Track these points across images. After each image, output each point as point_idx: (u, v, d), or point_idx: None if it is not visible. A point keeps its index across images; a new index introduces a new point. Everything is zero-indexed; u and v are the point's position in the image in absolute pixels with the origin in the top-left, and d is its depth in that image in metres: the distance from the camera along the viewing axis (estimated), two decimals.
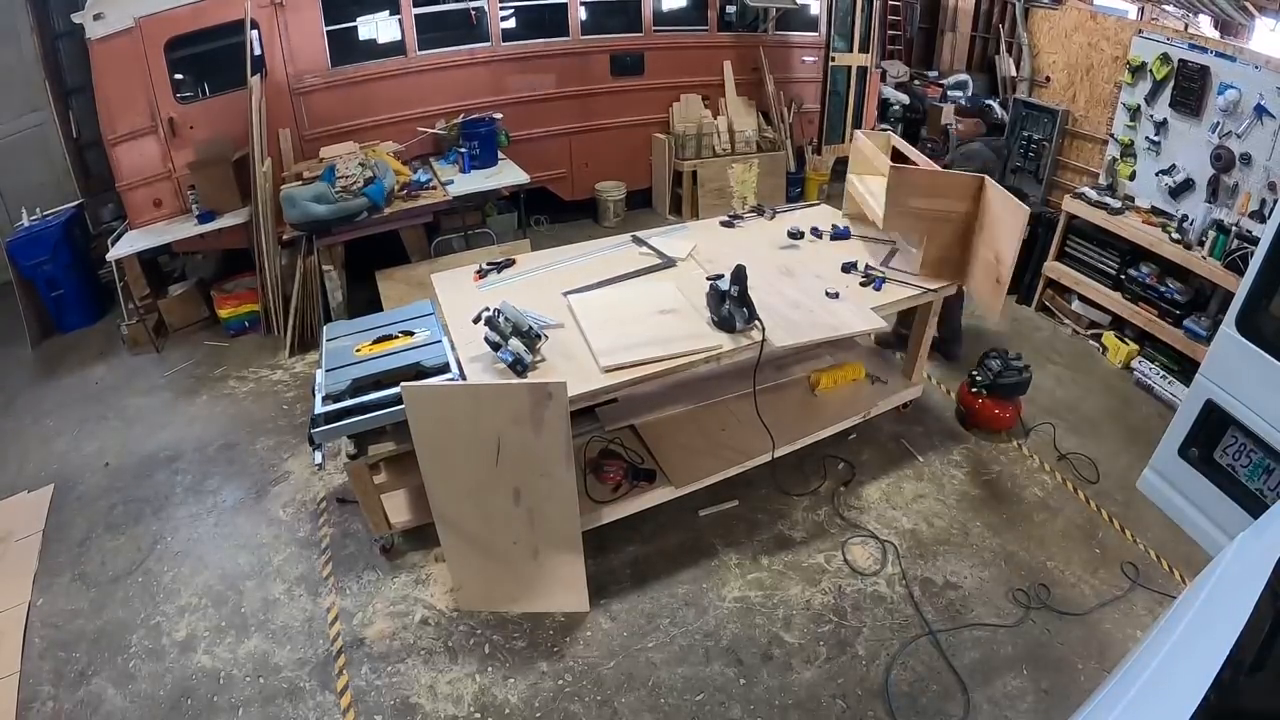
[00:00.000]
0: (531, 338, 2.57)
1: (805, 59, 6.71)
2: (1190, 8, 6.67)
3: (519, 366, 2.51)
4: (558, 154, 6.00)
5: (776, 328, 2.76)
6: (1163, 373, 4.14)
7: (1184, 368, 4.01)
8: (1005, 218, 2.92)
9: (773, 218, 3.86)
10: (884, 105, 7.61)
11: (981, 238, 3.08)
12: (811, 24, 6.63)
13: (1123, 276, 4.39)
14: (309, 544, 3.16)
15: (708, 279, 2.92)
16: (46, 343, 4.83)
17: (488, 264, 3.36)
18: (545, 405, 2.35)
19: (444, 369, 2.73)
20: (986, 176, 3.07)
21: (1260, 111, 3.67)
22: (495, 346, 2.54)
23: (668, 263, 3.37)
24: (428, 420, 2.41)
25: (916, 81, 8.29)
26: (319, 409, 2.62)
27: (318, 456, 2.65)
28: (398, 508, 3.10)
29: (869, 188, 3.61)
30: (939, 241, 3.18)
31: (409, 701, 2.51)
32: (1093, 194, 4.55)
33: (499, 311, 2.58)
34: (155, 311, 4.73)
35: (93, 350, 4.71)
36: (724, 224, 3.81)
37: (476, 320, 2.66)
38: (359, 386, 2.68)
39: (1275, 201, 3.54)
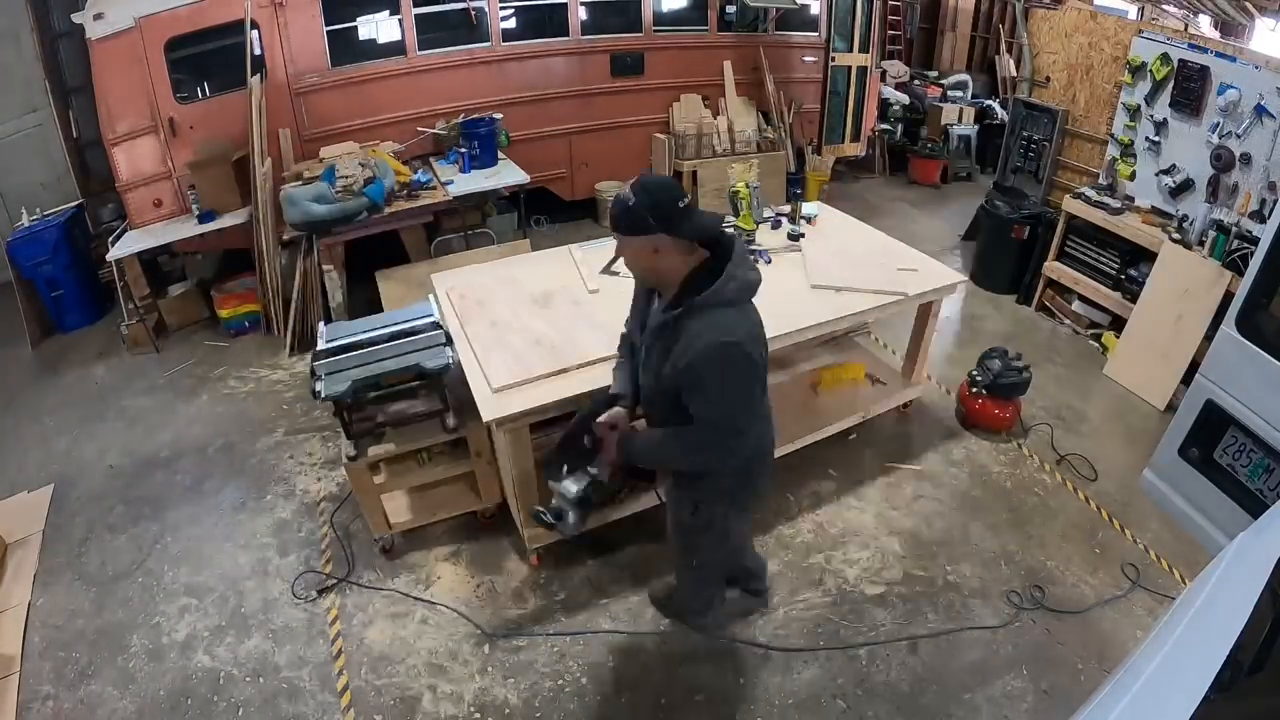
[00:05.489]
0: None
1: (805, 59, 6.71)
2: (1190, 8, 6.67)
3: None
4: (558, 154, 6.00)
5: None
6: None
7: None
8: None
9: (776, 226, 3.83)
10: (884, 105, 7.63)
11: None
12: (811, 24, 6.63)
13: (1123, 276, 4.39)
14: (309, 544, 3.16)
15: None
16: (46, 343, 4.83)
17: None
18: None
19: (444, 370, 2.72)
20: None
21: (1260, 111, 3.67)
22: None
23: None
24: None
25: (916, 81, 8.30)
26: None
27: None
28: (398, 508, 3.10)
29: None
30: None
31: (409, 701, 2.51)
32: (1093, 194, 4.55)
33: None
34: (155, 311, 4.73)
35: (93, 350, 4.71)
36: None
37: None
38: (359, 388, 2.67)
39: (1275, 201, 3.54)
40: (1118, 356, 4.35)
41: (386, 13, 5.12)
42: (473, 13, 5.35)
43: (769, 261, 3.41)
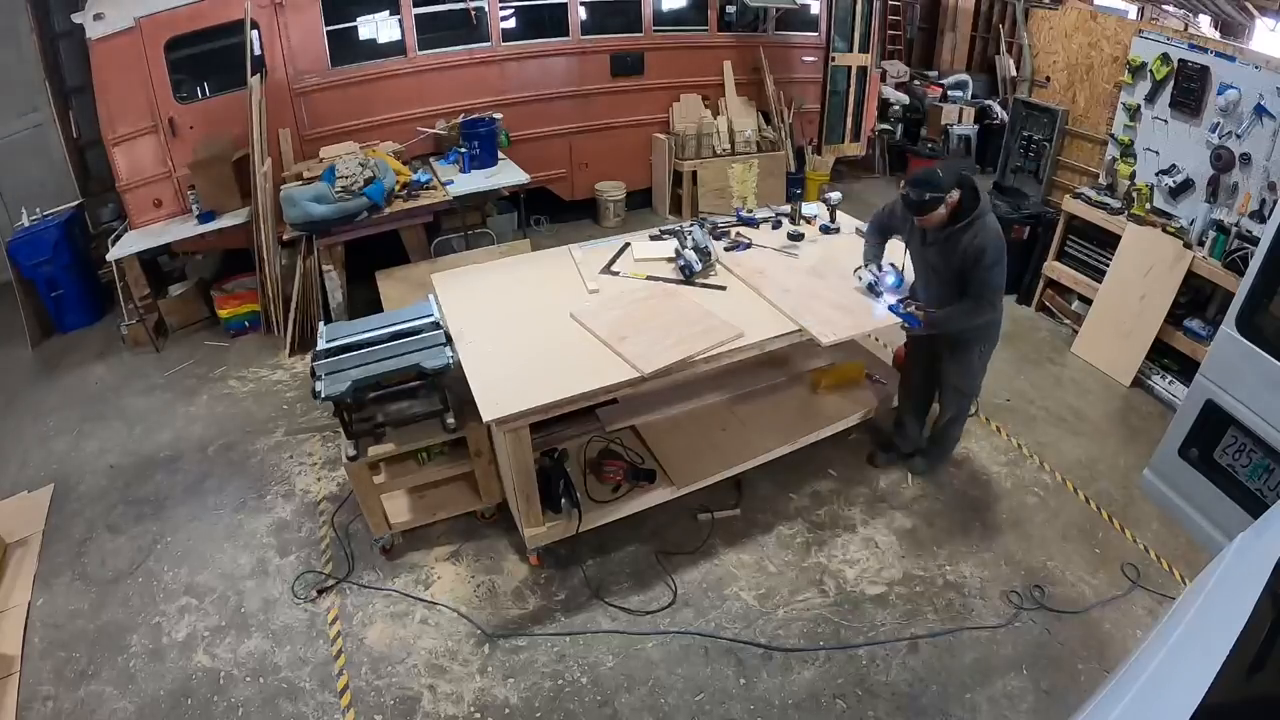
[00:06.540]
0: (705, 254, 3.27)
1: (805, 59, 6.70)
2: (1190, 8, 6.67)
3: (688, 270, 3.20)
4: (558, 154, 6.00)
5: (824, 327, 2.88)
6: (1163, 373, 4.14)
7: (1184, 368, 4.01)
8: None
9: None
10: (884, 105, 7.62)
11: None
12: (811, 24, 6.63)
13: None
14: (309, 544, 3.16)
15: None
16: (46, 343, 4.83)
17: None
18: None
19: (444, 370, 2.72)
20: None
21: (1260, 111, 3.67)
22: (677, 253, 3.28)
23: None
24: None
25: (916, 81, 8.30)
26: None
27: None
28: (398, 508, 3.10)
29: None
30: None
31: (409, 701, 2.51)
32: (1093, 194, 4.55)
33: (690, 232, 3.36)
34: (155, 311, 4.73)
35: (93, 350, 4.71)
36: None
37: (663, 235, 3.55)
38: (359, 388, 2.67)
39: (1275, 201, 3.54)
40: (1085, 335, 4.50)
41: (386, 13, 5.13)
42: (473, 13, 5.35)
43: (748, 246, 3.50)
